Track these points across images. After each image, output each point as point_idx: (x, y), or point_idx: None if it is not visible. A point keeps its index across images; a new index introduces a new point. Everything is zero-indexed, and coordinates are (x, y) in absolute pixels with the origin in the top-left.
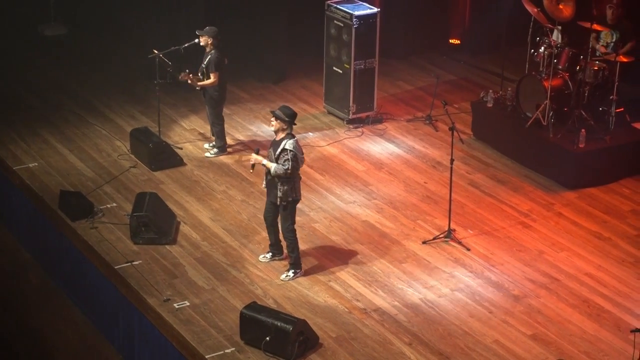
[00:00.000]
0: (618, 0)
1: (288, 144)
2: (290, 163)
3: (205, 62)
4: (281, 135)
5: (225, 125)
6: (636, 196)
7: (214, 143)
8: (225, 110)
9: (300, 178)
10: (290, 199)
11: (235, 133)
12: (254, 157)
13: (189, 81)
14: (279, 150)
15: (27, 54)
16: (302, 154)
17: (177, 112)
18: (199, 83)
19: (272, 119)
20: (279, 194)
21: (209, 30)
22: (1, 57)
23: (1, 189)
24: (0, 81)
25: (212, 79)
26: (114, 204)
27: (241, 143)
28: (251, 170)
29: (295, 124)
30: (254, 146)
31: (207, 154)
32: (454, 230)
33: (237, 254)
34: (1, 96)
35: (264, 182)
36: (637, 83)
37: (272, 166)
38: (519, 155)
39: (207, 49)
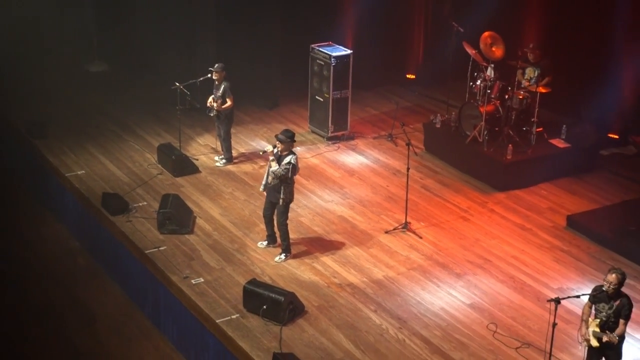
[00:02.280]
0: (535, 44)
1: (292, 159)
2: (289, 171)
3: (220, 92)
4: (285, 152)
5: (232, 141)
6: (552, 196)
7: (222, 155)
8: (232, 130)
9: (294, 183)
10: (288, 199)
11: (240, 148)
12: (269, 149)
13: (215, 105)
14: (284, 162)
15: (75, 86)
16: (298, 165)
17: (193, 131)
18: (223, 106)
19: (277, 143)
20: (282, 195)
21: (221, 67)
22: (54, 88)
23: (56, 191)
24: (54, 107)
25: (229, 102)
26: (145, 203)
27: (244, 155)
28: (261, 153)
29: (295, 142)
30: (253, 158)
31: (217, 164)
32: (410, 222)
33: (240, 242)
34: (55, 119)
35: (262, 186)
36: (553, 109)
37: (275, 166)
38: (461, 164)
39: (217, 82)
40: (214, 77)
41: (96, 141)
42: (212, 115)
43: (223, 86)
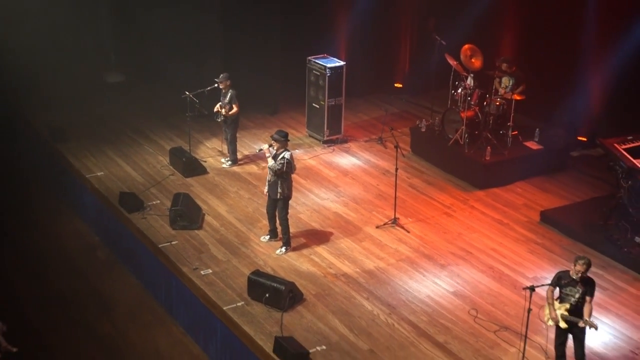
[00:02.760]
0: (507, 56)
1: (286, 155)
2: (284, 165)
3: (227, 99)
4: (280, 150)
5: (237, 144)
6: (526, 194)
7: (229, 157)
8: (237, 134)
9: (292, 181)
10: (286, 194)
11: (244, 150)
12: (265, 147)
13: (223, 111)
14: (278, 158)
15: (94, 95)
16: (294, 162)
17: (202, 136)
18: (230, 112)
19: (273, 142)
20: (279, 189)
21: (226, 77)
22: (75, 97)
23: (77, 191)
24: (75, 114)
25: (235, 109)
26: (158, 201)
27: (247, 157)
28: (257, 150)
29: (289, 141)
30: (256, 160)
31: (224, 165)
32: (398, 218)
33: (245, 236)
34: (76, 125)
35: (266, 189)
36: (527, 114)
37: (271, 162)
38: (444, 165)
39: (224, 90)
40: (220, 86)
41: (114, 145)
42: (219, 120)
43: (230, 94)
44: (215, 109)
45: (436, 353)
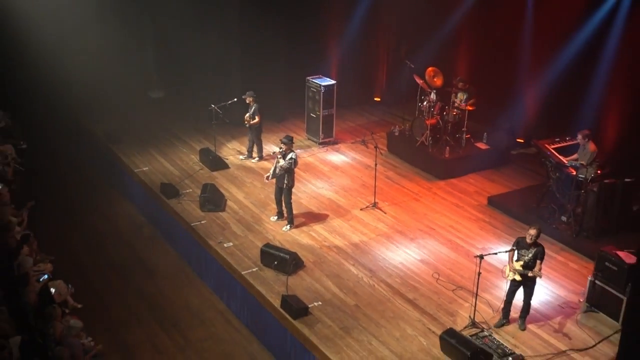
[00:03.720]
0: (462, 77)
1: (293, 155)
2: (292, 163)
3: (251, 111)
4: (288, 151)
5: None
6: (477, 183)
7: (248, 154)
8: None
9: (295, 174)
10: (290, 184)
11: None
12: (277, 150)
13: (248, 120)
14: (287, 157)
15: (140, 107)
16: (297, 160)
17: (224, 139)
18: (252, 122)
19: (281, 145)
20: (285, 181)
21: (251, 93)
22: (125, 109)
23: (128, 182)
24: (126, 123)
25: (257, 119)
26: (190, 190)
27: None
28: (271, 153)
29: (294, 143)
30: (268, 158)
31: (253, 161)
32: (377, 202)
33: (258, 217)
34: (126, 131)
35: (270, 176)
36: (477, 121)
37: (282, 161)
38: (413, 161)
39: (250, 104)
40: (247, 101)
41: (155, 146)
42: (247, 126)
43: (254, 107)
44: (245, 118)
45: (407, 307)
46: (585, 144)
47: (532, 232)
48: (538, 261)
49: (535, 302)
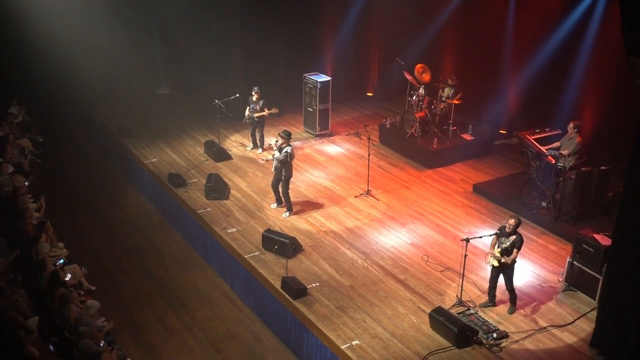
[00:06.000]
0: (452, 74)
1: (288, 149)
2: (287, 156)
3: (260, 105)
4: (284, 145)
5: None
6: (463, 172)
7: (256, 145)
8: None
9: (292, 166)
10: (287, 176)
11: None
12: (274, 142)
13: (255, 114)
14: (282, 151)
15: (149, 103)
16: (294, 152)
17: (227, 132)
18: (261, 114)
19: (279, 138)
20: (282, 172)
21: (257, 89)
22: (135, 104)
23: (138, 172)
24: (136, 117)
25: (267, 111)
26: (196, 179)
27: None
28: (269, 144)
29: (291, 138)
30: (269, 150)
31: (258, 152)
32: (370, 190)
33: (259, 204)
34: (136, 125)
35: (269, 160)
36: (463, 114)
37: (277, 154)
38: (403, 151)
39: (257, 99)
40: (255, 97)
41: (164, 139)
42: (248, 121)
43: (262, 102)
44: (246, 114)
45: (399, 287)
46: (574, 135)
47: (512, 222)
48: (515, 250)
49: (517, 282)
